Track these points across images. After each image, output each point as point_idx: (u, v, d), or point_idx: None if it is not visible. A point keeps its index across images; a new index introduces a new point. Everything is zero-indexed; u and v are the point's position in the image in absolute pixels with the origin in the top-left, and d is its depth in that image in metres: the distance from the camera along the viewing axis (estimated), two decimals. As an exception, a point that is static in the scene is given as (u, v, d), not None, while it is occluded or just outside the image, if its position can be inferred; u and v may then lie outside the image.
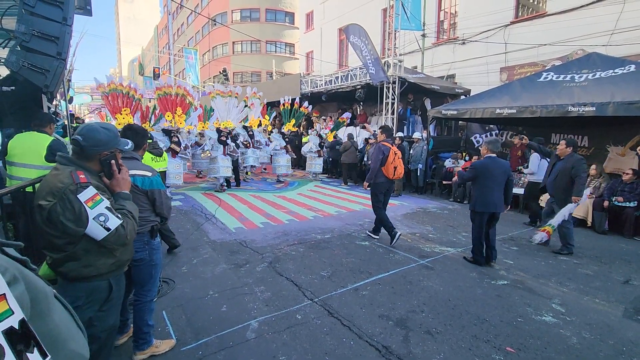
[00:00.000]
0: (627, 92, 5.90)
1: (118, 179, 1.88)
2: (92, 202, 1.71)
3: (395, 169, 5.16)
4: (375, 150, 5.30)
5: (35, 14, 3.55)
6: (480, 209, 4.46)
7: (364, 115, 14.87)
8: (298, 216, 6.83)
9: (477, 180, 4.51)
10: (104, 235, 1.73)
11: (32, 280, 0.75)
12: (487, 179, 4.41)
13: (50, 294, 0.83)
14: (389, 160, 5.12)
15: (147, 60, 56.58)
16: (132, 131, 2.55)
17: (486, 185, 4.43)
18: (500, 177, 4.42)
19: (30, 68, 3.51)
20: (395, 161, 5.16)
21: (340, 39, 19.78)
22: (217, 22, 31.33)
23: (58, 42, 3.66)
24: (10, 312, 0.63)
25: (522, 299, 3.60)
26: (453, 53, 13.56)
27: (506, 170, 4.47)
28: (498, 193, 4.44)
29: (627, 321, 3.24)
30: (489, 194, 4.41)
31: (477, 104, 8.24)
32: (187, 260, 4.49)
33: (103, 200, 1.74)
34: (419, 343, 2.82)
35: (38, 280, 0.79)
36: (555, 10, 10.43)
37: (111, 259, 1.87)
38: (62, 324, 0.84)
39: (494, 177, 4.41)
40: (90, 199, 1.70)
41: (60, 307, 0.88)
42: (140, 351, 2.53)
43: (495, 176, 4.40)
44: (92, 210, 1.70)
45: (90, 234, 1.72)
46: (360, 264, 4.44)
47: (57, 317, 0.83)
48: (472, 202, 4.65)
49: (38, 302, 0.75)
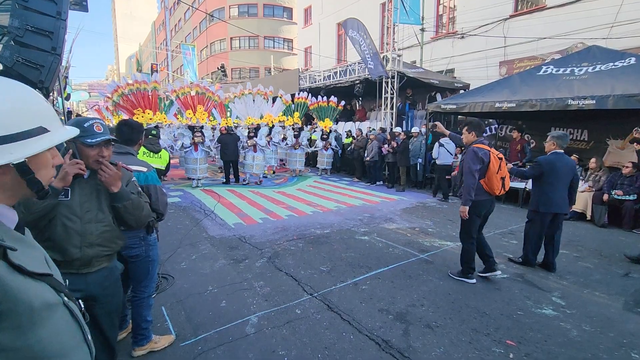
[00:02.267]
0: (627, 84, 5.87)
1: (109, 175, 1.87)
2: None
3: (502, 181, 3.77)
4: (468, 157, 3.75)
5: (29, 9, 3.50)
6: (543, 209, 4.07)
7: (362, 111, 14.83)
8: (297, 211, 6.82)
9: (540, 177, 4.10)
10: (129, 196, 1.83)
11: (13, 289, 0.69)
12: (551, 177, 4.03)
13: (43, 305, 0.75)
14: (491, 169, 3.69)
15: (144, 57, 56.32)
16: (127, 126, 2.52)
17: (551, 183, 4.04)
18: (566, 175, 4.04)
19: (24, 63, 3.46)
20: (502, 170, 3.75)
21: (339, 33, 19.66)
22: (214, 17, 31.10)
23: (52, 37, 3.61)
24: None
25: (522, 292, 3.60)
26: (452, 47, 13.48)
27: (572, 168, 4.08)
28: (562, 192, 4.07)
29: (627, 314, 3.24)
30: (552, 193, 4.04)
31: (477, 98, 8.21)
32: (186, 256, 4.48)
33: None
34: (419, 337, 2.81)
35: (28, 289, 0.72)
36: (555, 3, 10.36)
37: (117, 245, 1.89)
38: (52, 338, 0.77)
39: (559, 175, 4.02)
40: None
41: (60, 320, 0.81)
42: (139, 347, 2.53)
43: (561, 174, 4.02)
44: None
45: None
46: (359, 259, 4.43)
47: (46, 331, 0.76)
48: (533, 202, 4.23)
49: (16, 314, 0.69)
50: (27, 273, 0.74)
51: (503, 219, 6.49)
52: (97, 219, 1.75)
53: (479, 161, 3.64)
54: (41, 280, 0.78)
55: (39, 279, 0.77)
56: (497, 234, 5.54)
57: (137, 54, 55.86)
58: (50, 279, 0.81)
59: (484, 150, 3.71)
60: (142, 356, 2.53)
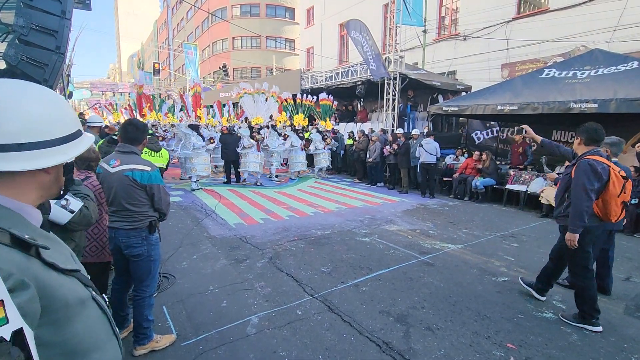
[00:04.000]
0: (630, 88, 5.88)
1: None
2: None
3: (623, 207, 3.07)
4: (579, 172, 2.97)
5: (34, 7, 3.50)
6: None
7: (364, 112, 14.83)
8: (298, 212, 6.82)
9: None
10: (69, 218, 1.79)
11: (49, 286, 0.71)
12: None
13: (77, 301, 0.78)
14: (610, 190, 2.95)
15: (146, 56, 56.41)
16: (132, 126, 2.53)
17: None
18: None
19: (28, 62, 3.47)
20: (627, 191, 3.03)
21: (341, 34, 19.68)
22: (217, 16, 31.16)
23: (57, 35, 3.62)
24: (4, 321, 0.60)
25: (522, 296, 3.59)
26: (454, 49, 13.48)
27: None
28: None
29: (628, 318, 3.24)
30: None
31: (478, 100, 8.22)
32: (187, 256, 4.49)
33: None
34: (419, 339, 2.81)
35: (62, 286, 0.75)
36: (558, 6, 10.37)
37: (71, 244, 1.92)
38: (86, 333, 0.80)
39: None
40: None
41: (91, 314, 0.84)
42: (140, 346, 2.53)
43: None
44: None
45: (54, 219, 1.77)
46: (360, 260, 4.43)
47: (81, 325, 0.78)
48: None
49: (54, 310, 0.72)
50: (60, 270, 0.77)
51: (504, 221, 6.49)
52: None
53: (597, 178, 2.89)
54: (72, 276, 0.81)
55: (69, 275, 0.80)
56: (498, 237, 5.54)
57: (139, 52, 55.99)
58: (79, 274, 0.85)
59: (603, 164, 2.91)
60: (144, 355, 2.53)
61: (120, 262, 2.56)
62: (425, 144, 8.63)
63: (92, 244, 2.65)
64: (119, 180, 2.36)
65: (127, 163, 2.38)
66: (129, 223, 2.41)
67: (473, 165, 8.50)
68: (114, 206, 2.42)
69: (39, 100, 0.79)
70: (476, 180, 8.16)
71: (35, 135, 0.76)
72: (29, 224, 0.79)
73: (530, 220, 6.69)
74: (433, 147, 8.58)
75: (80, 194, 1.92)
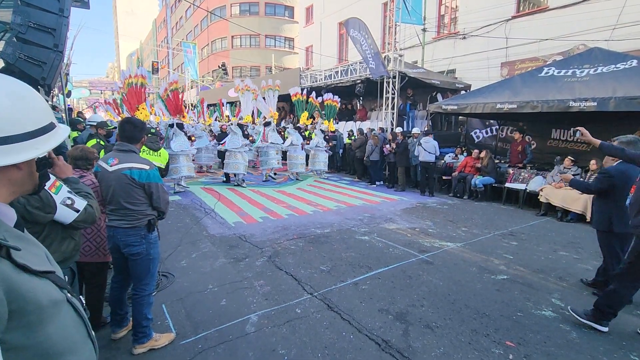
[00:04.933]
0: (629, 87, 5.88)
1: (60, 165, 1.87)
2: (55, 188, 1.74)
3: None
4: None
5: (31, 5, 3.50)
6: (619, 228, 3.32)
7: (363, 110, 14.82)
8: (297, 211, 6.82)
9: (610, 191, 3.41)
10: (75, 217, 1.79)
11: (20, 289, 0.69)
12: (626, 190, 3.41)
13: (50, 303, 0.76)
14: None
15: (145, 54, 56.27)
16: (130, 124, 2.52)
17: (625, 197, 3.40)
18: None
19: (26, 60, 3.46)
20: None
21: (340, 33, 19.66)
22: (216, 15, 31.09)
23: (55, 33, 3.61)
24: None
25: (521, 294, 3.60)
26: (454, 48, 13.48)
27: None
28: None
29: (627, 316, 3.24)
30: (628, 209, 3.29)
31: (478, 99, 8.21)
32: (187, 255, 4.48)
33: (62, 185, 1.78)
34: (418, 337, 2.82)
35: (34, 288, 0.72)
36: (557, 5, 10.36)
37: (72, 243, 1.94)
38: (60, 336, 0.77)
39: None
40: (52, 186, 1.73)
41: (66, 317, 0.81)
42: (139, 344, 2.53)
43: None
44: (56, 196, 1.74)
45: (60, 218, 1.76)
46: (359, 259, 4.43)
47: (55, 328, 0.76)
48: (601, 221, 3.52)
49: (25, 313, 0.69)
50: (32, 271, 0.74)
51: (503, 220, 6.50)
52: None
53: None
54: (45, 278, 0.78)
55: (43, 277, 0.77)
56: (497, 235, 5.55)
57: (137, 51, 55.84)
58: (53, 276, 0.81)
59: None
60: (143, 354, 2.53)
61: (119, 260, 2.56)
62: (424, 143, 8.64)
63: (86, 244, 2.65)
64: (117, 179, 2.35)
65: (126, 162, 2.37)
66: (127, 222, 2.40)
67: (472, 163, 8.50)
68: (113, 205, 2.41)
69: (5, 93, 0.75)
70: (475, 178, 8.17)
71: (1, 130, 0.72)
72: (1, 222, 0.76)
73: (529, 218, 6.70)
74: (432, 146, 8.58)
75: (82, 192, 1.92)
